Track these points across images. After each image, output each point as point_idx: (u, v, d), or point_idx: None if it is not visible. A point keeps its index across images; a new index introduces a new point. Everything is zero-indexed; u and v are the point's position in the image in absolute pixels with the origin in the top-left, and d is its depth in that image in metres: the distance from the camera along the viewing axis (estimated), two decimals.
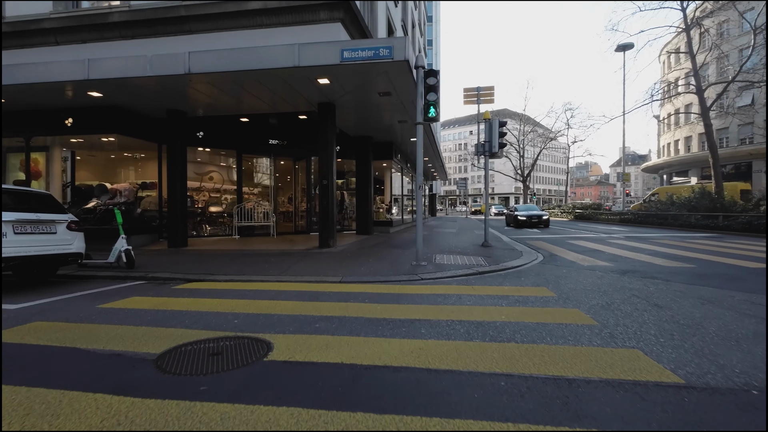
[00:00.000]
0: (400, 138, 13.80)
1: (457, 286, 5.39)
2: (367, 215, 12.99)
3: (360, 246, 9.74)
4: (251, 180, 12.92)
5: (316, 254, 8.18)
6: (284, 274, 6.33)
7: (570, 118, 44.93)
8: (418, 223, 7.02)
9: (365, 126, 11.82)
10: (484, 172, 10.81)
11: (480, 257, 7.99)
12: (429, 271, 6.44)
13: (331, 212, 9.00)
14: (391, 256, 8.05)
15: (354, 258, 7.74)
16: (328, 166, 8.89)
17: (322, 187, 8.92)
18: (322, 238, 8.98)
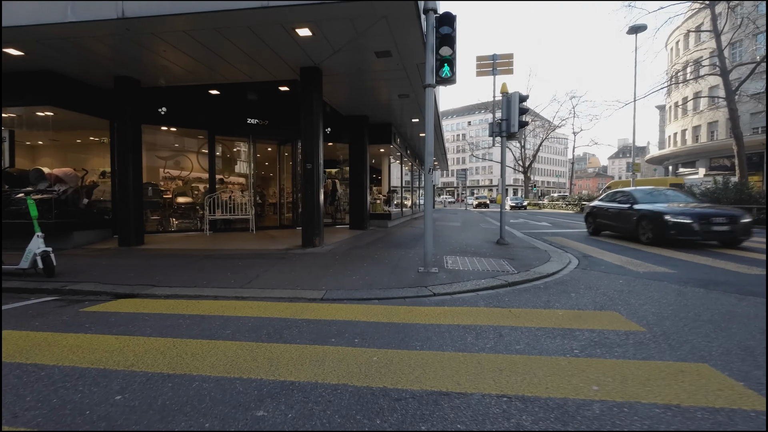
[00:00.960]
0: (400, 119, 12.09)
1: (487, 308, 3.76)
2: (362, 207, 11.33)
3: (353, 244, 8.09)
4: (228, 166, 11.18)
5: (296, 256, 6.53)
6: (248, 285, 4.69)
7: (575, 105, 43.20)
8: (427, 218, 5.38)
9: (359, 103, 10.09)
10: (501, 156, 9.16)
11: (502, 260, 6.38)
12: (442, 281, 4.83)
13: (317, 203, 7.33)
14: (391, 258, 6.42)
15: (344, 261, 6.11)
16: (312, 145, 7.20)
17: (306, 173, 7.24)
18: (306, 236, 7.33)
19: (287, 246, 7.54)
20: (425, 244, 5.40)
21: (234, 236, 9.38)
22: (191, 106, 9.61)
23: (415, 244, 8.30)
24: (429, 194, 5.36)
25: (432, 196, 5.28)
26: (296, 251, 7.00)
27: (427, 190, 5.35)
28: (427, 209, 5.36)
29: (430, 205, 5.36)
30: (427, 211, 5.36)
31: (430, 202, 5.34)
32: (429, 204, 5.34)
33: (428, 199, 5.36)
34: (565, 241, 9.86)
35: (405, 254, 6.81)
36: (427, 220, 5.37)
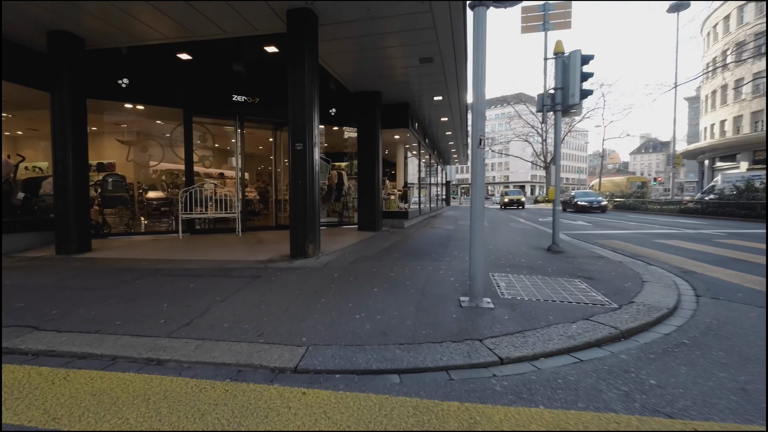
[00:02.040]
0: (419, 97, 10.02)
1: (627, 416, 1.72)
2: (373, 204, 9.33)
3: (360, 253, 6.09)
4: (210, 155, 9.31)
5: (278, 273, 4.56)
6: (183, 330, 2.80)
7: (605, 94, 40.27)
8: (475, 222, 3.31)
9: (370, 73, 8.06)
10: (555, 138, 7.02)
11: (575, 279, 4.33)
12: (504, 326, 2.82)
13: (311, 198, 5.35)
14: (414, 277, 4.40)
15: (344, 283, 4.11)
16: (303, 117, 5.21)
17: (295, 156, 5.25)
18: (296, 243, 5.36)
19: (271, 255, 5.58)
20: (473, 263, 3.36)
21: (213, 240, 7.50)
22: (162, 79, 7.75)
23: (444, 252, 6.26)
24: (479, 184, 3.30)
25: (481, 186, 3.26)
26: (280, 264, 5.04)
27: (477, 172, 3.29)
28: (475, 207, 3.30)
29: (481, 201, 3.30)
30: (475, 211, 3.30)
31: (481, 195, 3.28)
32: (478, 198, 3.29)
33: (477, 191, 3.30)
34: (630, 247, 7.75)
35: (433, 270, 4.77)
36: (475, 224, 3.31)
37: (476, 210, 3.31)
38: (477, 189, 3.31)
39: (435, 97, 9.78)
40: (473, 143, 3.30)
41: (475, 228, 3.32)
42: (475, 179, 3.31)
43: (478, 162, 3.29)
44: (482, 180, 3.31)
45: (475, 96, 3.26)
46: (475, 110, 3.27)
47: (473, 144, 3.29)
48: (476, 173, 3.31)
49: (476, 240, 3.32)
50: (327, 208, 11.18)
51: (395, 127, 10.45)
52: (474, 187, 3.32)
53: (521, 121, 48.89)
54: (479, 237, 3.33)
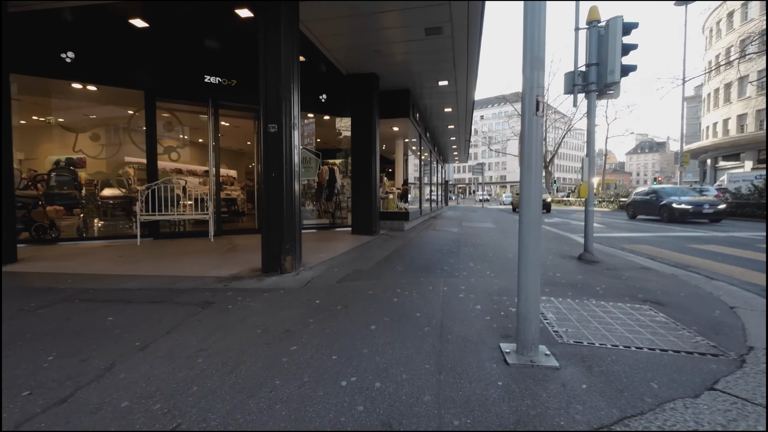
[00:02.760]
0: (420, 83, 8.81)
1: None
2: (369, 204, 8.11)
3: (352, 266, 4.88)
4: (178, 145, 8.04)
5: (239, 299, 3.34)
6: (32, 425, 1.54)
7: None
8: (528, 234, 2.11)
9: (366, 49, 6.84)
10: (588, 123, 5.86)
11: (644, 306, 3.14)
12: (590, 410, 1.60)
13: (290, 197, 4.13)
14: (426, 304, 3.18)
15: (328, 319, 2.87)
16: (278, 91, 3.99)
17: (268, 139, 4.03)
18: (269, 253, 4.12)
19: (238, 269, 4.35)
20: (524, 295, 2.15)
21: (177, 246, 6.26)
22: (117, 54, 6.48)
23: (457, 263, 5.06)
24: (533, 174, 2.08)
25: (537, 177, 2.08)
26: (246, 283, 3.81)
27: (531, 155, 2.08)
28: (527, 211, 2.09)
29: (536, 202, 2.08)
30: (528, 216, 2.09)
31: (536, 192, 2.07)
32: (532, 196, 2.07)
33: (531, 184, 2.08)
34: (668, 254, 6.68)
35: (449, 292, 3.57)
36: (528, 236, 2.10)
37: (529, 215, 2.12)
38: (530, 181, 2.12)
39: (440, 82, 8.57)
40: (527, 108, 2.11)
41: (528, 241, 2.13)
42: (529, 165, 2.11)
43: (533, 139, 2.11)
44: (538, 167, 2.12)
45: (532, 33, 2.07)
46: (530, 56, 2.08)
47: (527, 109, 2.11)
48: (530, 157, 2.11)
49: (529, 260, 2.13)
50: (318, 208, 9.96)
51: (394, 116, 9.23)
52: (526, 177, 2.13)
53: (519, 119, 47.96)
54: (534, 256, 2.13)
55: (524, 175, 2.14)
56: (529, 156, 2.12)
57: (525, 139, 2.13)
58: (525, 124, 2.13)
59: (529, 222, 2.13)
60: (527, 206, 2.14)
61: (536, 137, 2.10)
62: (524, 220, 2.15)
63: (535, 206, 2.13)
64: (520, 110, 2.19)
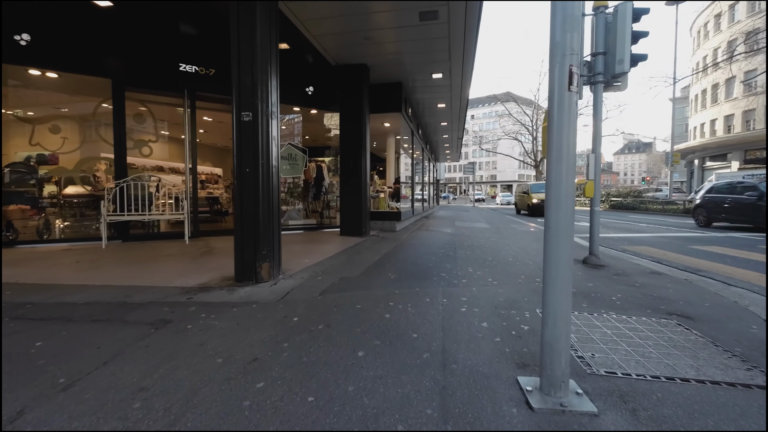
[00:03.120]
0: (413, 76, 8.34)
1: None
2: (359, 204, 7.62)
3: (339, 273, 4.38)
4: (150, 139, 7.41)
5: (202, 315, 2.82)
6: None
7: None
8: (558, 245, 1.66)
9: (355, 36, 6.34)
10: (594, 117, 5.46)
11: (670, 321, 2.72)
12: None
13: (267, 195, 3.62)
14: (423, 323, 2.69)
15: (306, 343, 2.35)
16: (253, 71, 3.47)
17: (242, 130, 3.51)
18: (242, 261, 3.60)
19: (208, 278, 3.83)
20: (550, 319, 1.69)
21: (145, 250, 5.68)
22: (81, 38, 5.87)
23: (455, 268, 4.60)
24: (566, 164, 1.62)
25: (571, 169, 1.65)
26: (214, 295, 3.30)
27: (561, 141, 1.62)
28: (556, 214, 1.63)
29: (569, 208, 1.64)
30: (558, 220, 1.63)
31: (569, 187, 1.62)
32: (563, 192, 1.62)
33: (563, 179, 1.62)
34: (672, 256, 6.40)
35: (450, 305, 3.10)
36: (558, 247, 1.65)
37: (559, 219, 1.66)
38: (561, 175, 1.66)
39: (434, 75, 8.11)
40: (557, 82, 1.65)
41: (558, 252, 1.67)
42: (559, 155, 1.66)
43: (565, 121, 1.65)
44: (571, 157, 1.66)
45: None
46: (562, 14, 1.63)
47: (557, 83, 1.65)
48: (561, 144, 1.66)
49: (558, 275, 1.67)
50: (305, 207, 9.43)
51: (385, 111, 8.75)
52: (555, 170, 1.67)
53: (510, 119, 47.95)
54: (564, 270, 1.67)
55: (553, 168, 1.69)
56: (560, 143, 1.66)
57: (554, 122, 1.67)
58: (554, 103, 1.67)
59: (558, 228, 1.67)
60: (556, 207, 1.68)
61: (569, 119, 1.64)
62: (552, 225, 1.69)
63: (566, 208, 1.67)
64: (506, 110, 1.75)
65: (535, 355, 2.19)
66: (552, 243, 1.70)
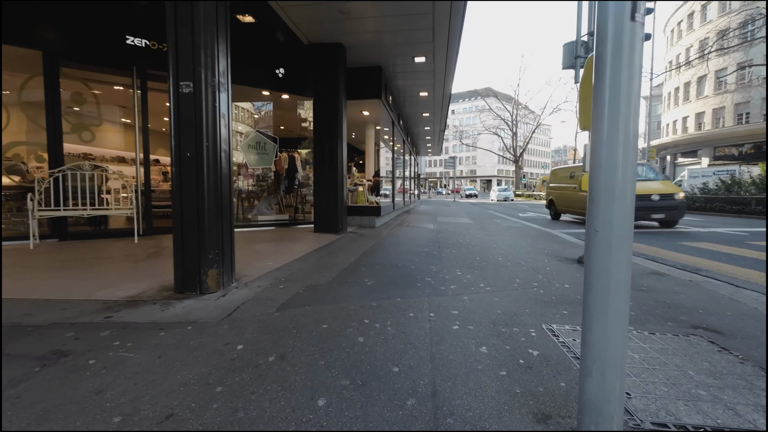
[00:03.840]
0: (394, 59, 7.70)
1: None
2: (335, 198, 6.97)
3: (306, 279, 3.75)
4: (92, 123, 6.50)
5: (117, 344, 2.13)
6: None
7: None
8: (605, 243, 1.12)
9: (331, 10, 5.65)
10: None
11: (697, 337, 2.24)
12: None
13: (214, 186, 2.95)
14: (406, 350, 2.08)
15: (249, 384, 1.70)
16: (193, 33, 2.77)
17: (180, 104, 2.82)
18: (182, 268, 2.92)
19: (142, 287, 3.12)
20: (597, 376, 1.14)
21: (83, 250, 4.87)
22: (6, 3, 4.93)
23: (441, 271, 4.03)
24: (625, 131, 1.08)
25: (633, 133, 1.13)
26: (143, 311, 2.62)
27: (619, 96, 1.07)
28: (607, 215, 1.09)
29: (628, 203, 1.09)
30: (607, 229, 1.09)
31: (629, 180, 1.09)
32: (620, 190, 1.08)
33: (618, 164, 1.08)
34: (665, 253, 6.23)
35: (438, 321, 2.53)
36: (607, 271, 1.11)
37: (612, 220, 1.10)
38: (618, 153, 1.10)
39: (417, 58, 7.50)
40: (612, 10, 1.09)
41: (609, 269, 1.12)
42: (613, 124, 1.09)
43: (624, 70, 1.09)
44: (634, 123, 1.11)
45: None
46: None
47: (612, 12, 1.08)
48: (615, 103, 1.09)
49: (610, 300, 1.12)
50: (278, 202, 8.69)
51: (364, 97, 8.08)
52: (608, 143, 1.11)
53: (490, 113, 48.07)
54: (619, 299, 1.12)
55: (603, 141, 1.12)
56: (615, 102, 1.09)
57: (606, 70, 1.10)
58: (607, 43, 1.10)
59: (611, 231, 1.11)
60: (608, 201, 1.11)
61: (630, 64, 1.08)
62: (601, 227, 1.13)
63: (624, 202, 1.11)
64: (486, 104, 1.17)
65: (554, 397, 1.65)
66: (600, 254, 1.13)
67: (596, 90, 1.14)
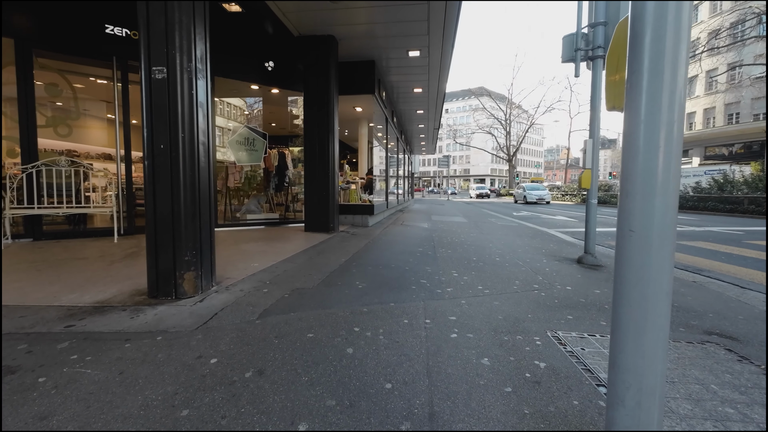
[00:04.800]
0: (387, 53, 7.47)
1: None
2: (326, 196, 6.73)
3: (293, 282, 3.52)
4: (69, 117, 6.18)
5: (74, 357, 1.87)
6: None
7: (573, 84, 40.19)
8: (644, 247, 0.93)
9: (322, 2, 5.40)
10: (591, 95, 4.81)
11: (711, 345, 2.07)
12: None
13: (192, 182, 2.71)
14: (401, 367, 1.84)
15: (216, 404, 1.47)
16: (165, 10, 2.53)
17: (153, 91, 2.57)
18: (156, 271, 2.67)
19: (113, 291, 2.87)
20: (629, 410, 0.94)
21: (56, 250, 4.59)
22: None
23: (437, 272, 3.82)
24: (673, 106, 0.89)
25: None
26: (109, 319, 2.37)
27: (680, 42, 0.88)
28: (648, 210, 0.89)
29: (672, 196, 0.90)
30: (646, 228, 0.89)
31: (674, 165, 0.90)
32: (662, 177, 0.89)
33: (671, 136, 0.89)
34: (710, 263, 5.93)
35: (434, 328, 2.31)
36: (640, 284, 0.92)
37: (653, 215, 0.90)
38: (659, 139, 0.90)
39: (411, 52, 7.28)
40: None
41: (649, 282, 0.91)
42: (653, 101, 0.89)
43: (669, 37, 0.89)
44: (680, 100, 0.91)
45: None
46: None
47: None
48: (656, 76, 0.90)
49: (647, 320, 0.91)
50: (267, 200, 8.43)
51: (357, 92, 7.84)
52: (647, 126, 0.91)
53: (484, 113, 48.09)
54: (659, 312, 0.92)
55: (641, 124, 0.91)
56: (659, 75, 0.89)
57: (645, 36, 0.90)
58: (646, 6, 0.89)
59: (650, 231, 0.91)
60: (647, 194, 0.91)
61: (678, 27, 0.87)
62: (638, 226, 0.92)
63: (667, 196, 0.91)
64: (480, 104, 0.97)
65: (568, 418, 1.45)
66: (636, 259, 0.93)
67: (633, 57, 0.94)
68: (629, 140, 0.95)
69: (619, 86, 2.56)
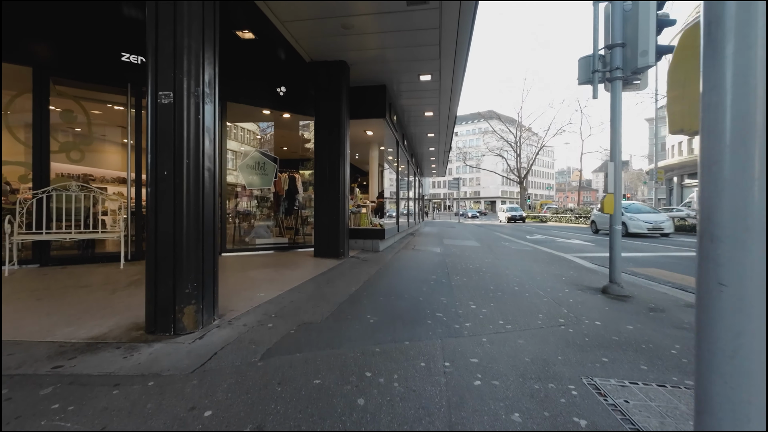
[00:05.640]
0: (398, 77, 7.48)
1: None
2: (336, 221, 6.59)
3: (298, 315, 3.31)
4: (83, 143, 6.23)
5: (54, 407, 1.69)
6: None
7: (584, 107, 40.31)
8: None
9: (330, 23, 5.44)
10: (611, 116, 4.64)
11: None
12: None
13: (196, 210, 2.58)
14: (419, 423, 1.68)
15: None
16: (175, 34, 2.47)
17: (159, 115, 2.49)
18: (155, 304, 2.51)
19: (110, 325, 2.71)
20: None
21: (60, 277, 4.49)
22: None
23: (452, 304, 3.58)
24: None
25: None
26: (101, 358, 2.20)
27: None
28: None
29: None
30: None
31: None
32: None
33: None
34: (690, 280, 5.44)
35: (458, 377, 2.07)
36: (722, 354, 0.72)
37: (746, 260, 0.71)
38: (754, 157, 0.72)
39: (422, 77, 7.27)
40: None
41: (743, 356, 0.71)
42: (740, 118, 0.72)
43: (753, 40, 0.72)
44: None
45: None
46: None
47: None
48: (744, 82, 0.73)
49: (753, 404, 0.71)
50: (277, 224, 8.33)
51: (368, 116, 7.83)
52: (731, 148, 0.73)
53: (494, 135, 48.28)
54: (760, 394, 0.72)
55: (726, 146, 0.73)
56: (748, 90, 0.72)
57: (726, 46, 0.73)
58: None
59: (748, 285, 0.71)
60: (741, 240, 0.72)
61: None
62: (731, 279, 0.72)
63: (760, 242, 0.71)
64: (489, 126, 0.83)
65: None
66: (731, 323, 0.72)
67: (709, 70, 0.76)
68: (711, 171, 0.76)
69: (686, 104, 2.30)
